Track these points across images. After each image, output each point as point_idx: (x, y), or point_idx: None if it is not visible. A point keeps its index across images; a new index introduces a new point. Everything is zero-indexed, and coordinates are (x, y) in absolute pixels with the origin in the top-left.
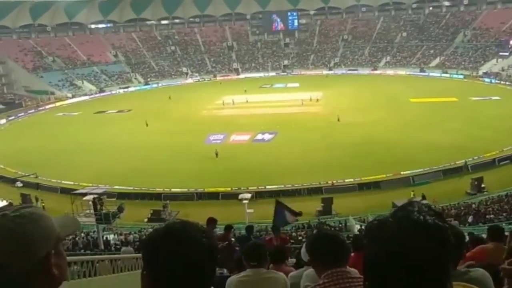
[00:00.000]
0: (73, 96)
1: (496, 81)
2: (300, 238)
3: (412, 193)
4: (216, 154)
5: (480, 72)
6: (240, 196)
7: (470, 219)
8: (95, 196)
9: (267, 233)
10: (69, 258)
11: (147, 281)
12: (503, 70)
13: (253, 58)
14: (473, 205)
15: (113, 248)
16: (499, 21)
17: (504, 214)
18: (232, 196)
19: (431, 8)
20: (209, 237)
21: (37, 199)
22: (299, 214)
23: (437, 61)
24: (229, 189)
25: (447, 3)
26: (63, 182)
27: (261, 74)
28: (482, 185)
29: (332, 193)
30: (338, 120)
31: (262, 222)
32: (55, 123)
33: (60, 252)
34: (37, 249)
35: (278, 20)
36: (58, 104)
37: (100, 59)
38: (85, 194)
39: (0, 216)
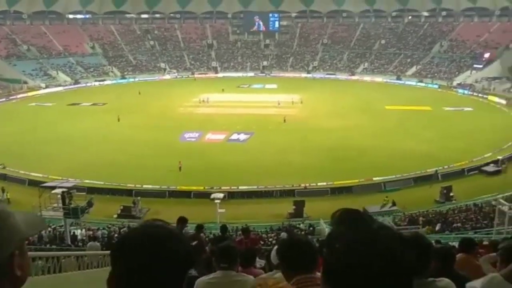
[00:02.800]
0: (47, 87)
1: (470, 92)
2: (270, 239)
3: (385, 199)
4: (180, 168)
5: (455, 83)
6: (212, 196)
7: (438, 227)
8: (64, 189)
9: (238, 234)
10: (34, 254)
11: (114, 283)
12: (476, 82)
13: (232, 58)
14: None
15: (80, 244)
16: (475, 34)
17: (470, 223)
18: (204, 195)
19: (410, 17)
20: (185, 243)
21: (3, 190)
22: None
23: (413, 69)
24: (202, 188)
25: (426, 13)
26: (31, 174)
27: (240, 74)
28: (451, 194)
29: (304, 196)
30: (284, 121)
31: (233, 222)
32: (27, 113)
33: (24, 251)
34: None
35: (260, 21)
36: (30, 94)
37: (76, 50)
38: (54, 188)
39: None
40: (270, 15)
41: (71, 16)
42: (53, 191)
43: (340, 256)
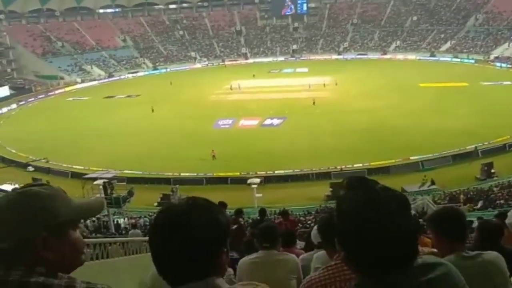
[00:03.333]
0: (82, 81)
1: (508, 65)
2: (309, 222)
3: (424, 178)
4: (213, 156)
5: (492, 57)
6: (249, 181)
7: (479, 204)
8: (105, 180)
9: (275, 218)
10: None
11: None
12: None
13: (261, 43)
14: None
15: (123, 232)
16: (511, 4)
17: None
18: (241, 181)
19: None
20: (218, 215)
21: (48, 183)
22: None
23: (447, 45)
24: (238, 173)
25: None
26: (73, 166)
27: (270, 59)
28: (492, 170)
29: (340, 178)
30: (314, 103)
31: (271, 206)
32: (65, 108)
33: (60, 235)
34: (19, 229)
35: (292, 4)
36: (67, 89)
37: (108, 44)
38: (95, 179)
39: (12, 189)
40: None
41: (101, 10)
42: (95, 182)
43: (347, 217)
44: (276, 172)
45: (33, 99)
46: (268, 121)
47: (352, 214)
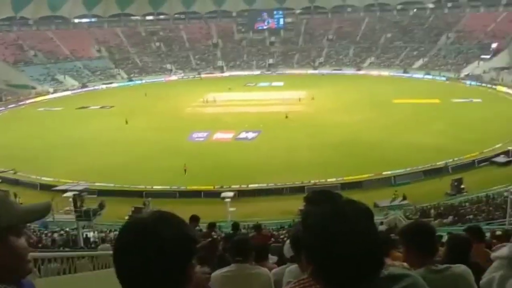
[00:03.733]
0: (55, 91)
1: (478, 83)
2: (282, 237)
3: (395, 193)
4: (185, 171)
5: (462, 75)
6: (222, 195)
7: (449, 219)
8: (75, 193)
9: (249, 232)
10: (49, 254)
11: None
12: (484, 72)
13: (238, 56)
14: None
15: (93, 246)
16: (481, 24)
17: (483, 214)
18: (214, 195)
19: (415, 10)
20: (184, 229)
21: (15, 195)
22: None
23: (420, 62)
24: (212, 187)
25: (431, 5)
26: (43, 178)
27: (246, 73)
28: (462, 186)
29: None
30: (286, 117)
31: (244, 220)
32: (36, 118)
33: (2, 242)
34: None
35: (267, 18)
36: (39, 99)
37: (83, 54)
38: (65, 191)
39: None
40: (275, 12)
41: (76, 20)
42: (64, 195)
43: (313, 231)
44: (250, 186)
45: (3, 108)
46: (243, 135)
47: (319, 229)
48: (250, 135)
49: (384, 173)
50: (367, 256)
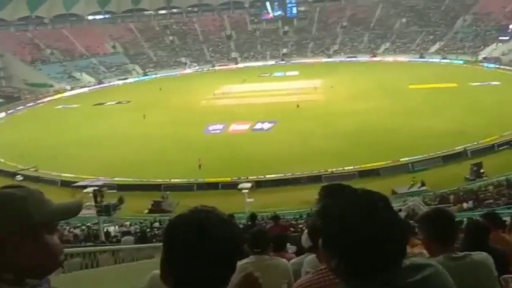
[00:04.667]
0: (72, 88)
1: (496, 66)
2: (300, 226)
3: (413, 179)
4: (200, 166)
5: (480, 57)
6: (240, 186)
7: (469, 204)
8: (95, 188)
9: (266, 223)
10: (71, 250)
11: (165, 268)
12: (503, 54)
13: (251, 47)
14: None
15: (114, 240)
16: (499, 5)
17: (503, 199)
18: (232, 186)
19: None
20: (233, 227)
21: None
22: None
23: (436, 46)
24: (229, 179)
25: None
26: (63, 175)
27: (260, 63)
28: (481, 170)
29: (332, 181)
30: (298, 106)
31: (262, 211)
32: (55, 116)
33: (36, 240)
34: None
35: (276, 7)
36: (57, 96)
37: (98, 50)
38: (85, 187)
39: None
40: (288, 1)
41: (90, 17)
42: (84, 190)
43: (332, 222)
44: (267, 176)
45: (22, 107)
46: (259, 126)
47: (338, 219)
48: (266, 125)
49: (401, 159)
50: (387, 245)
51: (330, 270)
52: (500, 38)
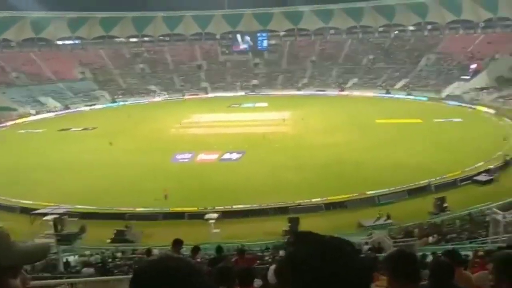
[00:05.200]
0: (37, 113)
1: (458, 103)
2: (266, 258)
3: (379, 212)
4: (165, 196)
5: (443, 95)
6: (206, 216)
7: (432, 238)
8: (56, 216)
9: (233, 255)
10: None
11: None
12: (464, 92)
13: (222, 78)
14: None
15: (73, 271)
16: (460, 46)
17: (466, 233)
18: (198, 216)
19: (396, 32)
20: (206, 279)
21: None
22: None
23: (402, 83)
24: (195, 208)
25: (412, 28)
26: (23, 201)
27: (230, 94)
28: (445, 205)
29: (298, 213)
30: (264, 137)
31: (229, 242)
32: (17, 140)
33: (1, 283)
34: None
35: (248, 40)
36: (20, 120)
37: (66, 75)
38: (45, 214)
39: None
40: (258, 34)
41: (60, 42)
42: (44, 218)
43: (299, 271)
44: (234, 207)
45: None
46: (227, 156)
47: (305, 268)
48: (235, 156)
49: (368, 192)
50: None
51: None
52: (462, 77)
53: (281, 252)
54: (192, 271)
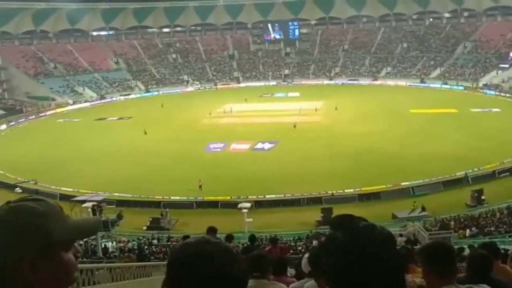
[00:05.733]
0: (74, 103)
1: (496, 93)
2: (299, 248)
3: (414, 204)
4: (200, 187)
5: (480, 84)
6: (240, 205)
7: (470, 231)
8: (94, 203)
9: (265, 245)
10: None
11: None
12: (503, 82)
13: (253, 67)
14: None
15: (112, 256)
16: (499, 33)
17: (504, 226)
18: (231, 205)
19: (431, 20)
20: (240, 262)
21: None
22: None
23: (437, 72)
24: (229, 198)
25: (447, 15)
26: (62, 188)
27: (262, 83)
28: (482, 197)
29: (332, 203)
30: (294, 126)
31: (261, 231)
32: (56, 130)
33: (52, 256)
34: (6, 248)
35: (278, 30)
36: (58, 110)
37: (101, 66)
38: (84, 201)
39: (5, 202)
40: (290, 23)
41: (95, 33)
42: (83, 205)
43: (332, 256)
44: (267, 196)
45: (23, 119)
46: (259, 145)
47: (339, 254)
48: (267, 145)
49: (402, 183)
50: (387, 277)
51: None
52: (500, 65)
53: (314, 242)
54: (229, 255)
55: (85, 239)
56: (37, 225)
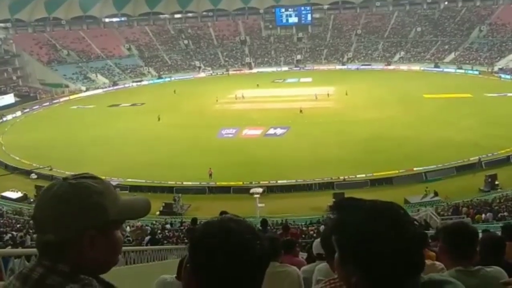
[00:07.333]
0: (87, 89)
1: None
2: (311, 233)
3: (426, 189)
4: (210, 175)
5: (496, 68)
6: (252, 190)
7: (484, 216)
8: None
9: (277, 230)
10: None
11: (190, 275)
12: None
13: (265, 53)
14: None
15: (126, 241)
16: None
17: None
18: (243, 190)
19: (446, 3)
20: (262, 240)
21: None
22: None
23: (451, 56)
24: (241, 183)
25: None
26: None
27: (274, 69)
28: (496, 182)
29: (344, 189)
30: (301, 111)
31: (273, 216)
32: (70, 116)
33: (108, 234)
34: (68, 223)
35: (288, 12)
36: (72, 97)
37: (113, 52)
38: None
39: (63, 178)
40: (302, 8)
41: (107, 20)
42: None
43: (348, 233)
44: (279, 181)
45: (37, 106)
46: (271, 131)
47: (355, 230)
48: (279, 131)
49: (415, 169)
50: (405, 257)
51: (348, 287)
52: None
53: (321, 228)
54: (252, 232)
55: None
56: (97, 202)
